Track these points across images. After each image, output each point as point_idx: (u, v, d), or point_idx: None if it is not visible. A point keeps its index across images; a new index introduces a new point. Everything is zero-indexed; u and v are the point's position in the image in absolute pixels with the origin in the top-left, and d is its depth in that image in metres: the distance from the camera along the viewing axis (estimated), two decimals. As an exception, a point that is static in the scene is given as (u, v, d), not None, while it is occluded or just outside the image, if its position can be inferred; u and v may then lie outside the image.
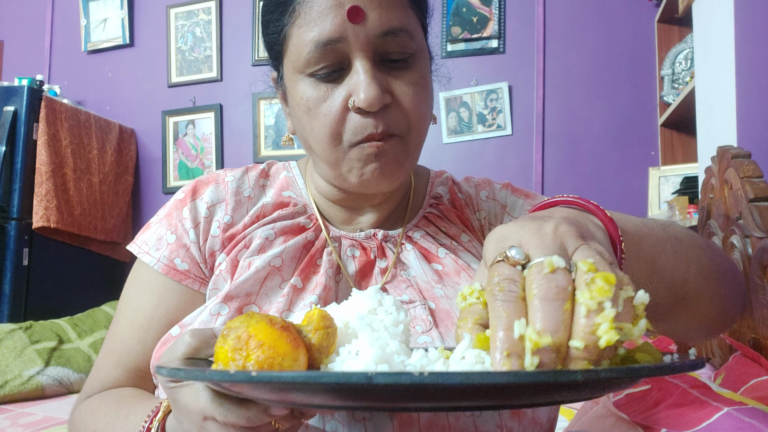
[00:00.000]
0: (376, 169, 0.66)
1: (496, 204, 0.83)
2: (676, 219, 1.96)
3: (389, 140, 0.65)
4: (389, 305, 0.44)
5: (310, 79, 0.65)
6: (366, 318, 0.41)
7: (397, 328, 0.41)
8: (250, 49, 3.04)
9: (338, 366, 0.37)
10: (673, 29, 2.43)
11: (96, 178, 2.88)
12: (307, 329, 0.38)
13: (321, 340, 0.37)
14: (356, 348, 0.38)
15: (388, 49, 0.64)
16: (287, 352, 0.35)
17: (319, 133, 0.66)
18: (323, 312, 0.39)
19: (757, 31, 1.38)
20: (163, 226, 0.74)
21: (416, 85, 0.66)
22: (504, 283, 0.36)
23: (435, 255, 0.76)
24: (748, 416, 0.68)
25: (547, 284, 0.34)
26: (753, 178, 1.04)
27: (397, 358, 0.37)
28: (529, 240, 0.38)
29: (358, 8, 0.61)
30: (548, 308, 0.33)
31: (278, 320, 0.37)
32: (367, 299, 0.44)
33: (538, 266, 0.35)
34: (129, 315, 0.73)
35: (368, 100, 0.62)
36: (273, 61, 0.73)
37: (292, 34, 0.65)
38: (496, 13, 2.69)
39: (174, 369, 0.35)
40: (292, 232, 0.74)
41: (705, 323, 0.66)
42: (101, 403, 0.68)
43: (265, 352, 0.34)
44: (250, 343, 0.34)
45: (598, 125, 2.58)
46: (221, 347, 0.35)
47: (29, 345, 2.05)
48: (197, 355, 0.45)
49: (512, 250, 0.37)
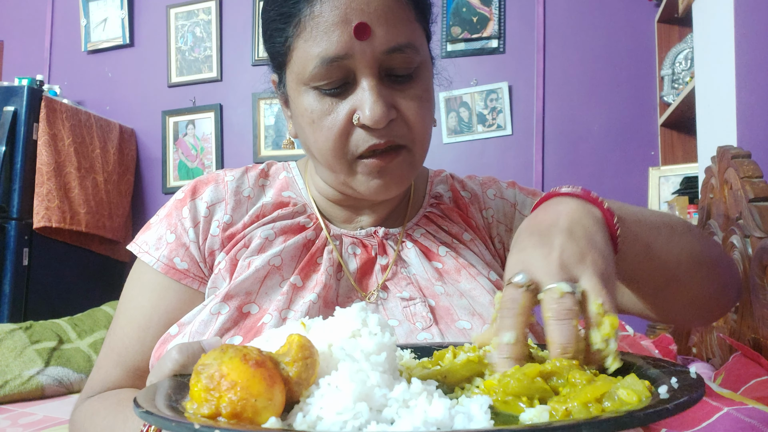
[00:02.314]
0: (381, 185, 0.67)
1: (505, 202, 0.84)
2: (676, 219, 1.96)
3: (394, 156, 0.66)
4: (374, 325, 0.42)
5: (315, 92, 0.65)
6: (347, 344, 0.40)
7: (379, 356, 0.39)
8: (250, 49, 3.04)
9: (317, 401, 0.36)
10: (673, 29, 2.43)
11: (101, 177, 2.88)
12: (285, 361, 0.37)
13: (300, 373, 0.36)
14: (336, 381, 0.37)
15: (394, 65, 0.64)
16: (261, 392, 0.34)
17: (323, 146, 0.66)
18: (303, 341, 0.38)
19: (757, 31, 1.38)
20: (163, 225, 0.75)
21: (420, 99, 0.67)
22: (508, 302, 0.44)
23: (435, 253, 0.76)
24: (748, 416, 0.68)
25: (558, 308, 0.42)
26: (753, 178, 1.04)
27: (378, 391, 0.36)
28: (539, 268, 0.45)
29: (365, 25, 0.61)
30: (561, 327, 0.41)
31: (253, 355, 0.35)
32: (351, 319, 0.43)
33: (550, 293, 0.43)
34: (129, 314, 0.73)
35: (374, 118, 0.62)
36: (275, 67, 0.72)
37: (297, 46, 0.64)
38: (496, 13, 2.69)
39: (144, 412, 0.34)
40: (292, 232, 0.74)
41: (699, 304, 0.70)
42: (100, 406, 0.68)
43: (237, 393, 0.33)
44: (222, 383, 0.33)
45: (598, 125, 2.58)
46: (195, 385, 0.35)
47: (29, 345, 2.05)
48: (185, 371, 0.45)
49: (517, 276, 0.45)
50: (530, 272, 0.45)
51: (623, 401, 0.36)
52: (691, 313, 0.73)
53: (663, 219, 0.63)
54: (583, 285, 0.44)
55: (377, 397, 0.36)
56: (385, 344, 0.41)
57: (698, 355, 1.37)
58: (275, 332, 0.45)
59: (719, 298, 0.71)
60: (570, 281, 0.44)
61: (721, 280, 0.69)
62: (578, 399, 0.36)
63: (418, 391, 0.37)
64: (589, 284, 0.44)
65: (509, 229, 0.82)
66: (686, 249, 0.62)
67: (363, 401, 0.35)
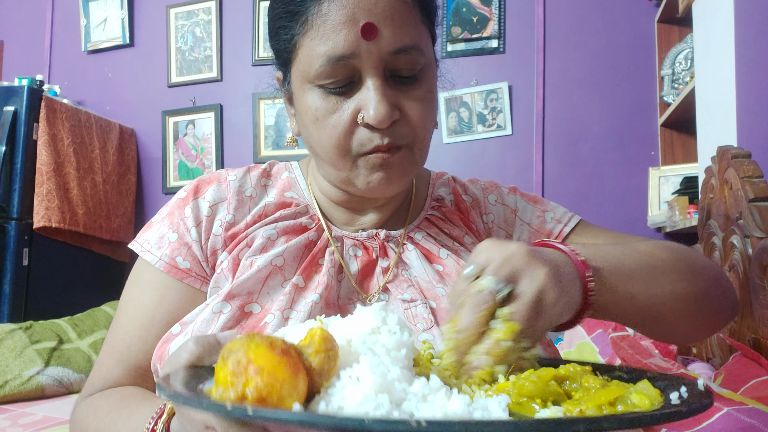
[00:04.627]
0: (383, 178, 0.67)
1: (506, 208, 0.84)
2: (676, 219, 1.96)
3: (396, 152, 0.67)
4: (393, 324, 0.43)
5: (320, 90, 0.65)
6: (368, 339, 0.41)
7: (399, 352, 0.40)
8: (250, 49, 3.04)
9: (338, 392, 0.37)
10: (673, 29, 2.43)
11: (99, 178, 2.88)
12: (308, 352, 0.38)
13: (322, 364, 0.37)
14: (357, 373, 0.38)
15: (399, 66, 0.64)
16: (286, 379, 0.34)
17: (327, 144, 0.67)
18: (325, 334, 0.39)
19: (757, 31, 1.38)
20: (165, 224, 0.75)
21: (424, 100, 0.67)
22: (452, 293, 0.49)
23: (436, 256, 0.76)
24: (748, 416, 0.68)
25: (471, 298, 0.46)
26: (753, 178, 1.04)
27: (398, 385, 0.37)
28: (489, 257, 0.48)
29: (372, 25, 0.61)
30: (465, 314, 0.45)
31: (279, 344, 0.36)
32: (371, 317, 0.43)
33: (474, 285, 0.47)
34: (130, 313, 0.73)
35: (378, 118, 0.62)
36: (280, 65, 0.73)
37: (303, 44, 0.65)
38: (496, 13, 2.69)
39: (174, 394, 0.35)
40: (294, 232, 0.74)
41: (686, 335, 0.72)
42: (103, 402, 0.68)
43: (263, 379, 0.34)
44: (249, 368, 0.34)
45: (598, 125, 2.58)
46: (221, 369, 0.36)
47: (29, 345, 2.05)
48: (201, 363, 0.45)
49: (467, 268, 0.49)
50: (480, 265, 0.48)
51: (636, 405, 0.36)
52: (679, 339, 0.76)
53: (647, 260, 0.62)
54: (516, 290, 0.46)
55: (397, 390, 0.37)
56: (404, 342, 0.41)
57: (698, 355, 1.37)
58: (289, 329, 0.46)
59: (707, 326, 0.71)
60: (509, 280, 0.46)
61: (709, 310, 0.68)
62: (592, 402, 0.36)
63: (437, 386, 0.38)
64: (520, 290, 0.46)
65: (509, 235, 0.82)
66: (668, 290, 0.62)
67: (384, 393, 0.36)
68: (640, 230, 2.39)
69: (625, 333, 1.33)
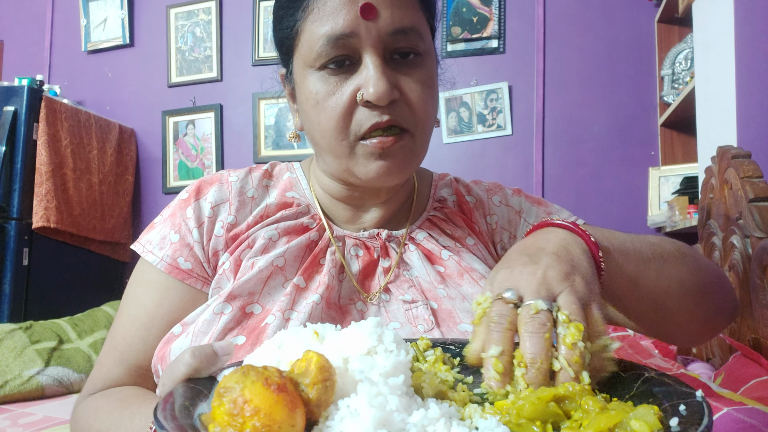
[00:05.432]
0: (382, 167, 0.67)
1: (510, 210, 0.84)
2: (676, 219, 1.96)
3: (396, 139, 0.67)
4: (389, 342, 0.43)
5: (320, 72, 0.66)
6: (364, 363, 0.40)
7: (397, 378, 0.40)
8: (250, 49, 3.04)
9: (337, 424, 0.37)
10: (673, 29, 2.43)
11: (95, 178, 2.88)
12: (305, 383, 0.37)
13: (319, 395, 0.37)
14: (355, 405, 0.37)
15: (398, 46, 0.66)
16: (283, 418, 0.34)
17: (327, 126, 0.67)
18: (322, 362, 0.38)
19: (757, 31, 1.38)
20: (167, 225, 0.75)
21: (424, 83, 0.68)
22: (496, 317, 0.46)
23: (438, 257, 0.76)
24: (748, 416, 0.68)
25: (533, 322, 0.44)
26: (753, 178, 1.04)
27: (397, 416, 0.37)
28: (524, 285, 0.47)
29: (371, 5, 0.63)
30: (533, 339, 0.43)
31: (274, 378, 0.36)
32: (366, 336, 0.43)
33: (527, 308, 0.45)
34: (131, 313, 0.73)
35: (377, 94, 0.63)
36: (283, 56, 0.74)
37: (304, 29, 0.66)
38: (496, 13, 2.70)
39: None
40: (296, 232, 0.74)
41: (687, 330, 0.72)
42: (104, 403, 0.68)
43: (261, 420, 0.34)
44: (245, 409, 0.34)
45: (598, 125, 2.58)
46: (217, 408, 0.35)
47: (29, 345, 2.05)
48: (198, 375, 0.45)
49: (507, 293, 0.47)
50: (518, 289, 0.47)
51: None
52: (680, 337, 0.75)
53: (654, 249, 0.63)
54: (559, 302, 0.46)
55: (396, 422, 0.37)
56: (401, 363, 0.41)
57: (698, 355, 1.37)
58: (287, 337, 0.45)
59: (708, 323, 0.73)
60: (549, 299, 0.46)
61: (711, 306, 0.70)
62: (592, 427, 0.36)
63: (436, 416, 0.38)
64: (564, 302, 0.46)
65: (513, 236, 0.83)
66: (675, 279, 0.63)
67: (383, 427, 0.36)
68: (640, 230, 2.39)
69: (625, 333, 1.33)
